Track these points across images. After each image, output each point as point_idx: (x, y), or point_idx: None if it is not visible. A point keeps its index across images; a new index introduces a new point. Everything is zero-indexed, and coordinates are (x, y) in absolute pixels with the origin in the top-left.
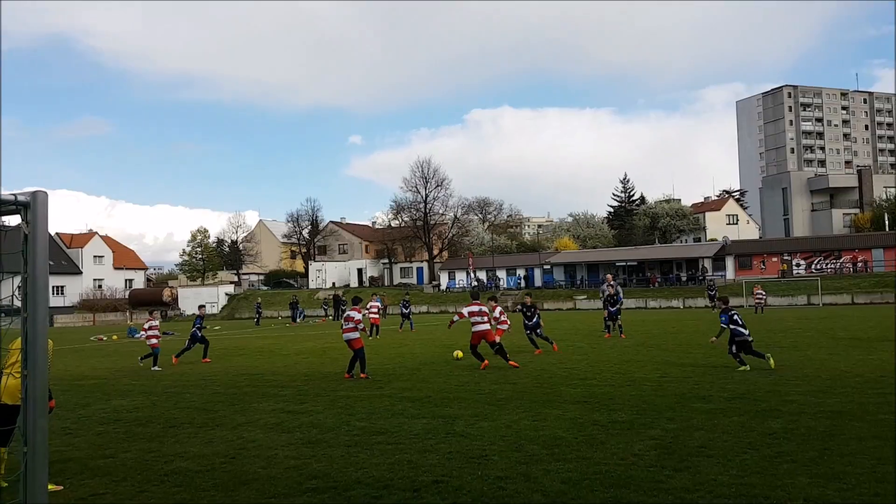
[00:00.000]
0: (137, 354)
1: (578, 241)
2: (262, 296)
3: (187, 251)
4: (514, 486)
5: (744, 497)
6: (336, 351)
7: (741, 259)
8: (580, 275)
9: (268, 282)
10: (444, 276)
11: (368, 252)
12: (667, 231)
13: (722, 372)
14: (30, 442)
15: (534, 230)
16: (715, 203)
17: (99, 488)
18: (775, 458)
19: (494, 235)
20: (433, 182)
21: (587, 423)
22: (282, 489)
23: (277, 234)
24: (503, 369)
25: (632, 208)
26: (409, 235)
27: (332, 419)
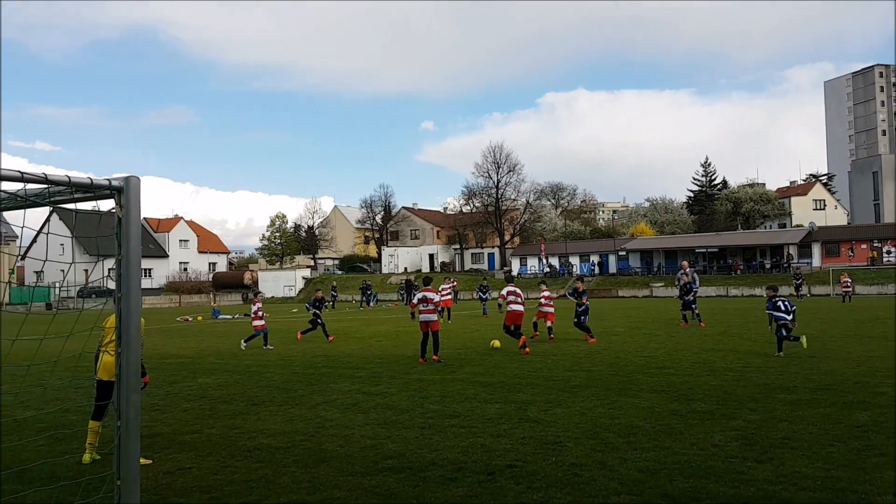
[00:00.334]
0: (222, 335)
1: (656, 226)
2: (337, 280)
3: (266, 236)
4: (589, 473)
5: (829, 490)
6: (409, 335)
7: (828, 246)
8: (657, 261)
9: (342, 266)
10: (516, 261)
11: (440, 238)
12: (750, 216)
13: (807, 362)
14: (123, 416)
15: (608, 216)
16: (801, 188)
17: (185, 462)
18: (863, 451)
19: (567, 221)
20: (505, 167)
21: (665, 413)
22: (359, 468)
23: (352, 219)
24: (577, 356)
25: (713, 193)
26: (481, 221)
27: (407, 401)
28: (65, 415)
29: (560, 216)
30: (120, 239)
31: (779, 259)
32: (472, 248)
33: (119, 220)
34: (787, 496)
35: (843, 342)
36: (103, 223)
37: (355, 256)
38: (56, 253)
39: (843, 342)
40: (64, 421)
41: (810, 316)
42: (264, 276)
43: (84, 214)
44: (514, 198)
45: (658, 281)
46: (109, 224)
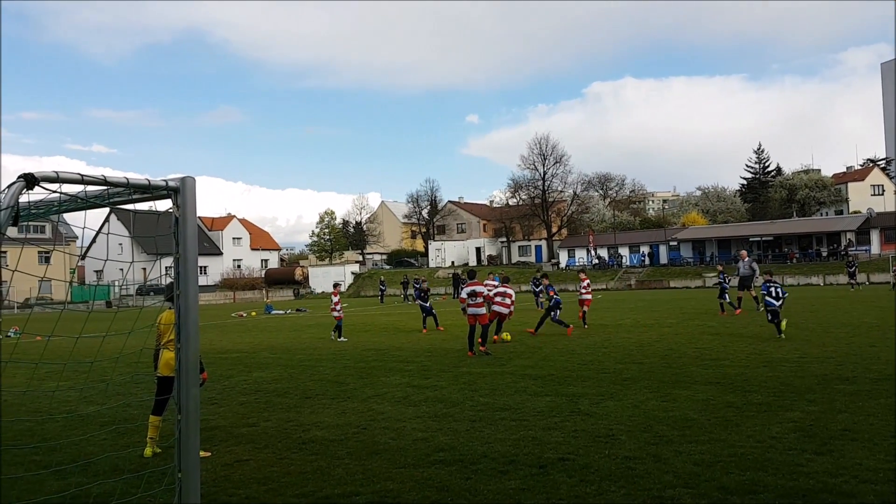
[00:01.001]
0: (275, 329)
1: (708, 215)
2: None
3: (316, 232)
4: (643, 466)
5: (892, 482)
6: (456, 328)
7: (888, 232)
8: (710, 251)
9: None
10: (564, 253)
11: (486, 231)
12: (805, 203)
13: (866, 352)
14: (183, 410)
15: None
16: (858, 173)
17: (243, 455)
18: None
19: (616, 212)
20: (551, 159)
21: (720, 405)
22: (411, 460)
23: (398, 214)
24: (628, 348)
25: (767, 180)
26: (527, 213)
27: (457, 394)
28: (126, 409)
29: (608, 207)
30: (177, 238)
31: (836, 247)
32: (520, 241)
33: (176, 219)
34: (847, 489)
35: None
36: (161, 223)
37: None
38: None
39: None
40: (126, 415)
41: (868, 304)
42: (314, 271)
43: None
44: (561, 189)
45: (711, 271)
46: (167, 224)
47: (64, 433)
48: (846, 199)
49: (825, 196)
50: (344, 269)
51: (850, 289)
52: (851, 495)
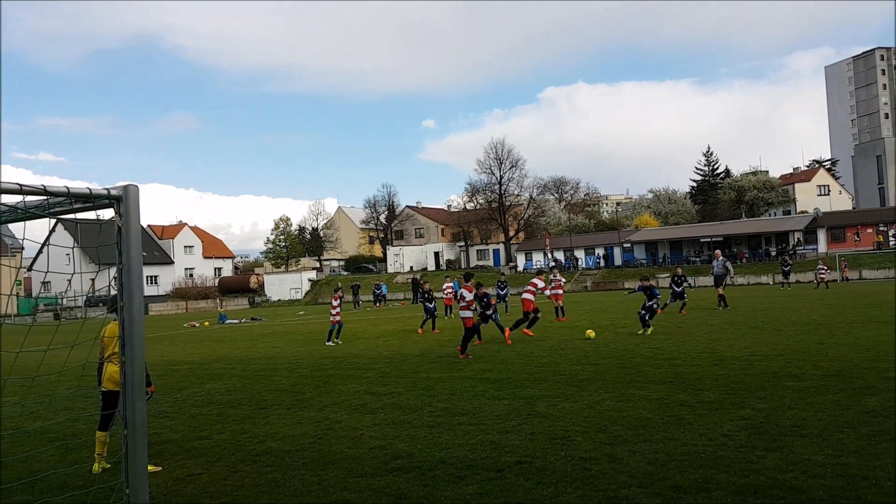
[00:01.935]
0: (229, 339)
1: (660, 217)
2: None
3: (271, 239)
4: (599, 466)
5: (840, 477)
6: (416, 334)
7: (834, 231)
8: (662, 252)
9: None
10: (521, 257)
11: (444, 235)
12: (754, 204)
13: (814, 349)
14: (129, 424)
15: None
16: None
17: (195, 468)
18: (873, 437)
19: (571, 215)
20: (507, 163)
21: (673, 404)
22: (368, 469)
23: (356, 219)
24: (584, 350)
25: (716, 182)
26: (485, 217)
27: (415, 400)
28: (74, 424)
29: (564, 210)
30: (120, 247)
31: (784, 246)
32: (478, 245)
33: (119, 228)
34: (797, 484)
35: (851, 327)
36: (104, 232)
37: (361, 257)
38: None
39: (850, 327)
40: (73, 430)
41: (818, 302)
42: (270, 279)
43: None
44: (518, 193)
45: (664, 272)
46: (110, 233)
47: (9, 450)
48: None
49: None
50: (301, 277)
51: (780, 287)
52: (801, 490)
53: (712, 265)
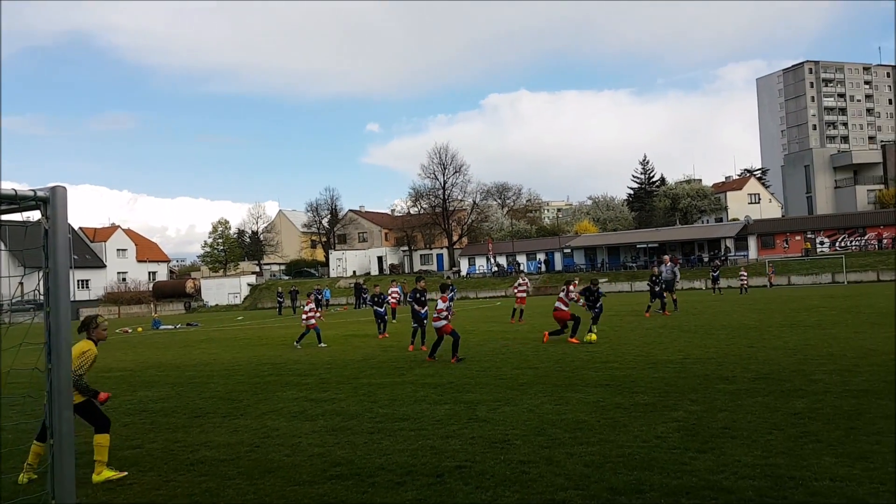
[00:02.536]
0: (163, 346)
1: (598, 224)
2: (283, 285)
3: (209, 243)
4: (536, 470)
5: (769, 478)
6: (358, 339)
7: (764, 238)
8: (601, 258)
9: (289, 271)
10: (464, 262)
11: (388, 240)
12: (688, 212)
13: (745, 352)
14: (56, 434)
15: (553, 214)
16: (736, 182)
17: (126, 478)
18: (800, 438)
19: (514, 220)
20: (451, 168)
21: (610, 406)
22: (306, 477)
23: (297, 223)
24: (524, 354)
25: (652, 190)
26: (429, 222)
27: (355, 406)
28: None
29: (506, 216)
30: (47, 251)
31: (716, 252)
32: (421, 250)
33: (46, 231)
34: (728, 485)
35: (780, 331)
36: (30, 235)
37: (302, 261)
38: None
39: (779, 331)
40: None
41: (748, 307)
42: (207, 283)
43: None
44: (461, 198)
45: (602, 277)
46: (37, 235)
47: None
48: (725, 208)
49: (706, 204)
50: (239, 281)
51: (712, 293)
52: (731, 491)
53: (661, 270)
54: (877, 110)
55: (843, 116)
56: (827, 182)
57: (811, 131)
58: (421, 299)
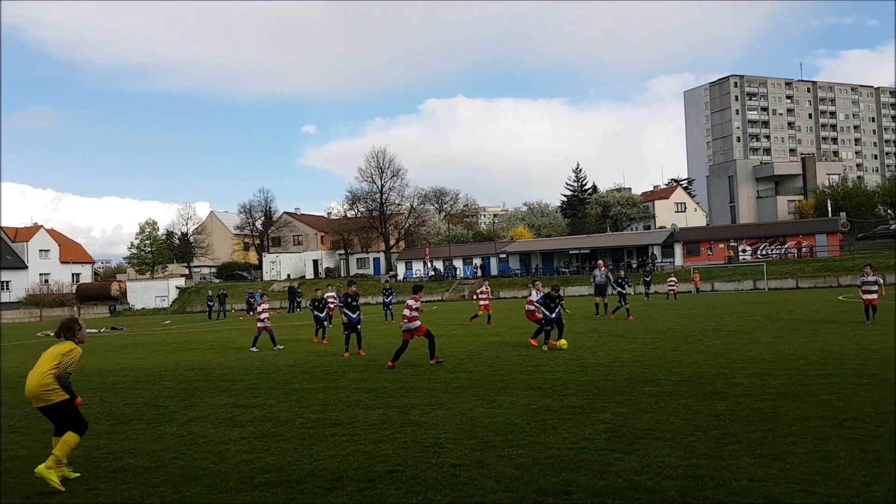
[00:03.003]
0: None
1: (533, 229)
2: (213, 288)
3: (136, 244)
4: (468, 473)
5: (691, 478)
6: (291, 343)
7: (689, 246)
8: (535, 263)
9: (220, 274)
10: (401, 266)
11: (324, 243)
12: (618, 219)
13: (670, 356)
14: None
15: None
16: (664, 191)
17: (45, 486)
18: (721, 440)
19: (451, 225)
20: (389, 172)
21: (540, 409)
22: (233, 484)
23: (230, 225)
24: (458, 358)
25: (584, 197)
26: (366, 226)
27: (286, 412)
28: None
29: (444, 220)
30: None
31: (644, 259)
32: (358, 253)
33: None
34: (651, 485)
35: (703, 336)
36: None
37: (234, 264)
38: None
39: (702, 336)
40: None
41: (673, 312)
42: (134, 286)
43: None
44: (399, 202)
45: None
46: None
47: None
48: (653, 216)
49: (635, 212)
50: (168, 284)
51: (646, 298)
52: (654, 491)
53: (594, 274)
54: (797, 124)
55: (766, 129)
56: (749, 192)
57: (735, 143)
58: (352, 304)
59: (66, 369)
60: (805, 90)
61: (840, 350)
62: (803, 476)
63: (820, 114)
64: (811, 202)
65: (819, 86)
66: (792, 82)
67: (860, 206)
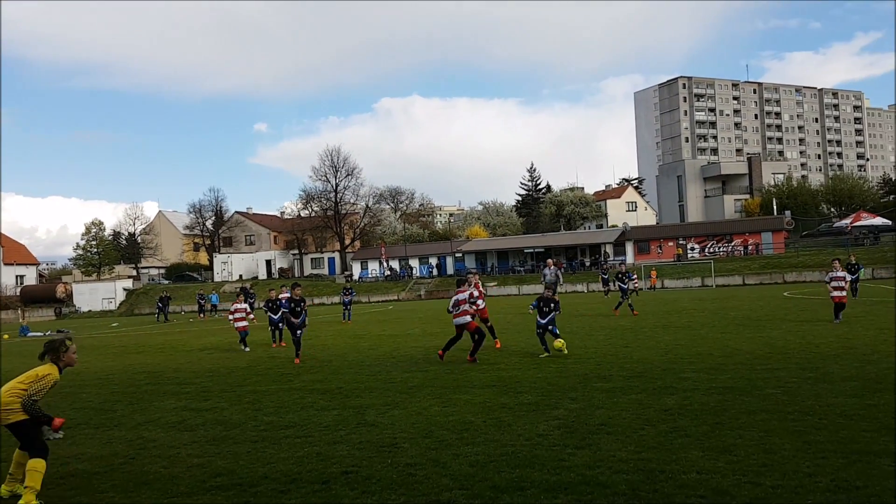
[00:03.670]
0: (30, 354)
1: (489, 229)
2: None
3: (81, 245)
4: (423, 472)
5: (641, 472)
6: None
7: (640, 244)
8: (490, 262)
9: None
10: (357, 265)
11: (277, 243)
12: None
13: (622, 352)
14: None
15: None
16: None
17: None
18: (670, 434)
19: (406, 224)
20: (343, 171)
21: (495, 407)
22: (184, 488)
23: (179, 225)
24: (415, 357)
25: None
26: (320, 225)
27: (239, 415)
28: None
29: (399, 220)
30: None
31: (597, 257)
32: (312, 253)
33: None
34: (603, 479)
35: (653, 332)
36: None
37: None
38: None
39: (652, 332)
40: None
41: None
42: (80, 288)
43: None
44: (354, 201)
45: (492, 280)
46: None
47: None
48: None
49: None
50: (115, 286)
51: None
52: (606, 485)
53: (544, 273)
54: (743, 124)
55: (713, 130)
56: (698, 191)
57: (684, 143)
58: (296, 309)
59: (33, 396)
60: (751, 91)
61: (785, 345)
62: (749, 468)
63: (766, 114)
64: (757, 201)
65: (765, 87)
66: (738, 83)
67: (805, 204)
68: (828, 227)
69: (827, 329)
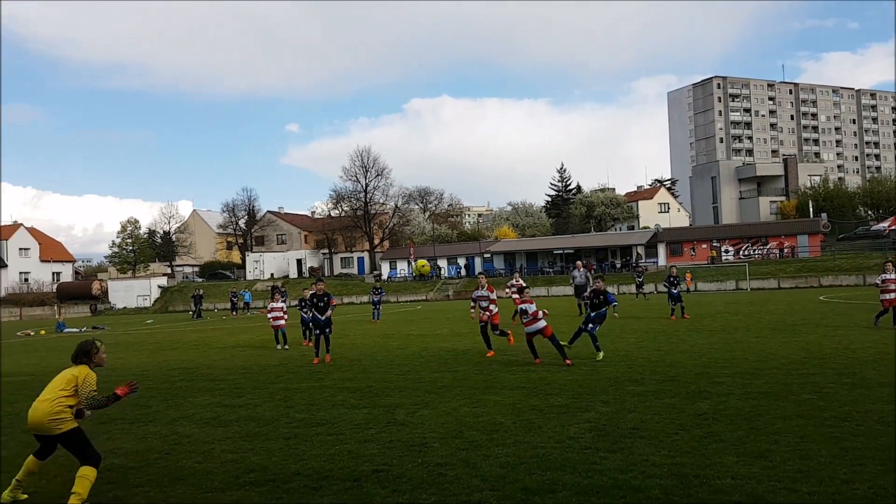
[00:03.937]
0: (67, 350)
1: (517, 229)
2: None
3: (117, 243)
4: (453, 472)
5: (675, 476)
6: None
7: (672, 246)
8: (519, 263)
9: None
10: (385, 265)
11: (308, 242)
12: (602, 219)
13: (654, 355)
14: None
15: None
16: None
17: (28, 487)
18: (705, 438)
19: (435, 224)
20: (373, 171)
21: (525, 408)
22: (218, 484)
23: (213, 224)
24: (444, 358)
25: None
26: (350, 225)
27: (271, 412)
28: None
29: (428, 220)
30: None
31: (628, 259)
32: (342, 253)
33: None
34: (636, 484)
35: (686, 335)
36: None
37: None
38: None
39: (685, 335)
40: None
41: (657, 311)
42: (115, 285)
43: None
44: (383, 201)
45: None
46: None
47: None
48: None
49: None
50: (150, 283)
51: (635, 297)
52: (639, 490)
53: (573, 275)
54: (779, 125)
55: (748, 130)
56: (732, 193)
57: (718, 144)
58: (319, 304)
59: (92, 393)
60: (787, 92)
61: (821, 350)
62: (785, 474)
63: (802, 115)
64: (793, 203)
65: (801, 87)
66: (774, 84)
67: (841, 207)
68: (865, 231)
69: (864, 334)
